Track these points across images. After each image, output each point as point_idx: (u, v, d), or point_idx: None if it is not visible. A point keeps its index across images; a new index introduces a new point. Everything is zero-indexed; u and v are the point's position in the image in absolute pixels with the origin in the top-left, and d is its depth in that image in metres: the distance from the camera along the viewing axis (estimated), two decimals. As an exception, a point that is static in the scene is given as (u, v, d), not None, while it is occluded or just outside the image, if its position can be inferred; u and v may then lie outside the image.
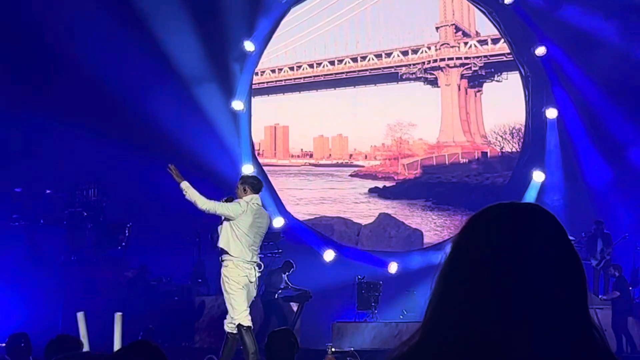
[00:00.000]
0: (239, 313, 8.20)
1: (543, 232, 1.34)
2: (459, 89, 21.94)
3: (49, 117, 15.30)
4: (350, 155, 22.95)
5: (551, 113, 16.65)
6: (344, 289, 15.43)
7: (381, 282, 15.12)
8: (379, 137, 22.59)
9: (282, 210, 18.53)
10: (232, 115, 17.96)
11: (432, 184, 21.62)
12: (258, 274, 8.41)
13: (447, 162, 22.14)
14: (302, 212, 21.16)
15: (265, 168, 20.72)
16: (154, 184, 15.04)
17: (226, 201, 8.23)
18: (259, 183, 8.63)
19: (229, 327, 8.24)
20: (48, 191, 14.59)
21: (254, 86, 21.43)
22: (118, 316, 10.33)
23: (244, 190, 8.46)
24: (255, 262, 8.44)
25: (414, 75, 21.93)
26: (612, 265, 13.41)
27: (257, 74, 21.62)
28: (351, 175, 22.61)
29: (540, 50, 15.92)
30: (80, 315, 10.41)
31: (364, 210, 22.09)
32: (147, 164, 14.93)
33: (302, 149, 23.05)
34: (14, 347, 7.59)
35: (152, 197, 15.35)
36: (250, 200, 8.36)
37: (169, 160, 15.78)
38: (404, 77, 22.09)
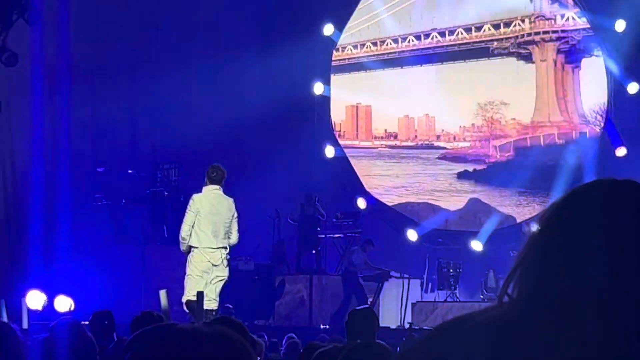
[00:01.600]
0: (188, 294, 10.42)
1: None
2: (555, 65, 22.36)
3: (130, 98, 17.86)
4: (438, 137, 23.63)
5: (632, 88, 18.45)
6: (424, 269, 17.57)
7: (461, 262, 16.90)
8: (468, 117, 23.19)
9: (361, 190, 20.19)
10: (310, 95, 19.98)
11: (526, 167, 22.01)
12: (226, 256, 10.47)
13: (542, 144, 22.68)
14: (385, 196, 22.26)
15: (346, 150, 22.20)
16: (234, 163, 17.10)
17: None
18: (217, 174, 10.48)
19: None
20: (130, 171, 16.54)
21: (334, 63, 22.58)
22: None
23: (205, 182, 10.64)
24: (221, 246, 10.47)
25: (506, 50, 22.54)
26: None
27: (337, 49, 22.58)
28: (438, 158, 23.23)
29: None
30: (162, 293, 12.17)
31: (452, 195, 22.88)
32: (226, 144, 17.22)
33: (385, 130, 23.78)
34: (98, 325, 8.46)
35: (232, 176, 16.77)
36: (207, 191, 10.49)
37: (247, 141, 19.24)
38: (495, 52, 22.71)
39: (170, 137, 17.14)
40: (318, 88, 20.22)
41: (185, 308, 11.01)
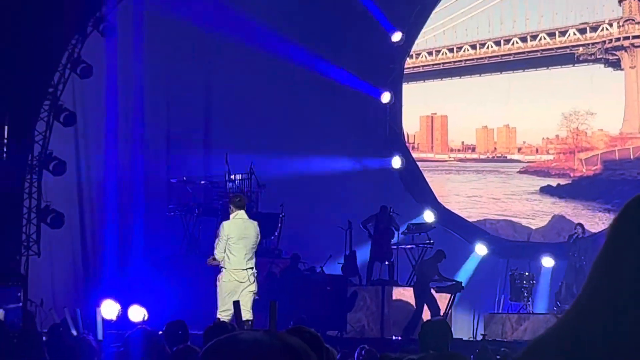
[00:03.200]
0: (220, 310, 12.56)
1: None
2: None
3: (204, 109, 19.83)
4: (519, 149, 24.66)
5: None
6: (496, 281, 19.45)
7: (534, 274, 18.65)
8: (552, 128, 24.09)
9: (430, 201, 21.40)
10: (380, 105, 21.31)
11: (614, 182, 22.62)
12: (253, 272, 12.79)
13: (632, 157, 23.13)
14: (462, 211, 22.67)
15: (421, 164, 22.90)
16: (306, 175, 19.44)
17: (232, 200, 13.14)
18: (241, 200, 13.28)
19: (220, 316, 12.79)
20: (202, 182, 18.44)
21: (408, 71, 23.27)
22: (273, 304, 14.27)
23: (231, 209, 13.19)
24: (249, 267, 12.97)
25: (592, 57, 23.41)
26: None
27: (411, 56, 23.03)
28: (520, 172, 24.20)
29: None
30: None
31: (534, 211, 23.46)
32: (298, 155, 19.25)
33: (462, 142, 24.93)
34: (172, 335, 9.01)
35: (304, 187, 19.36)
36: (235, 216, 13.02)
37: (319, 150, 19.35)
38: (581, 58, 23.58)
39: (244, 147, 18.63)
40: (386, 97, 21.26)
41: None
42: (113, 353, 7.58)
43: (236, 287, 12.94)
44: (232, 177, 18.48)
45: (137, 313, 14.07)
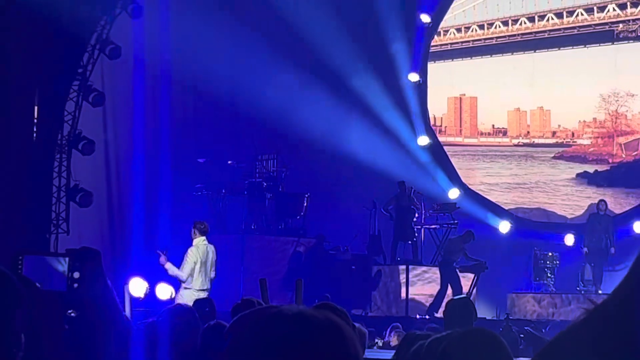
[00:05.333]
0: None
1: None
2: None
3: (230, 91, 23.15)
4: (554, 133, 26.03)
5: None
6: (520, 261, 22.41)
7: (557, 254, 21.58)
8: (589, 111, 25.47)
9: (456, 179, 24.59)
10: (406, 85, 24.35)
11: None
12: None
13: None
14: (493, 200, 24.65)
15: (448, 148, 25.01)
16: (331, 155, 22.57)
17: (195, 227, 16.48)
18: (205, 226, 16.69)
19: None
20: (230, 162, 21.34)
21: (435, 49, 25.15)
22: (299, 282, 17.52)
23: (195, 234, 16.63)
24: (209, 287, 16.55)
25: (634, 34, 24.74)
26: None
27: (439, 33, 25.00)
28: (555, 157, 25.68)
29: None
30: (262, 281, 17.79)
31: (570, 199, 24.97)
32: (324, 136, 22.32)
33: (493, 125, 26.27)
34: (199, 313, 9.74)
35: (329, 167, 22.42)
36: (199, 242, 16.58)
37: (345, 132, 22.59)
38: (621, 35, 24.97)
39: (270, 128, 22.08)
40: (413, 76, 24.11)
41: None
42: (146, 326, 8.37)
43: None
44: (259, 157, 21.63)
45: (165, 291, 16.14)
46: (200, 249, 17.05)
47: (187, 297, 15.93)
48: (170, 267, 16.87)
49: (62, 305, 4.43)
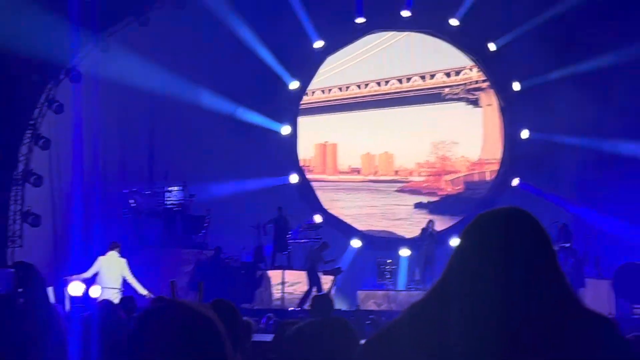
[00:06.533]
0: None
1: (524, 225, 2.56)
2: (500, 108, 25.99)
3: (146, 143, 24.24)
4: (396, 172, 27.21)
5: (524, 134, 25.81)
6: (367, 267, 24.22)
7: (393, 260, 23.56)
8: (423, 154, 26.82)
9: (319, 207, 26.25)
10: (279, 135, 25.40)
11: (474, 199, 26.02)
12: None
13: (488, 179, 26.81)
14: (349, 223, 25.69)
15: (315, 183, 26.16)
16: (225, 188, 24.09)
17: None
18: (114, 245, 17.28)
19: None
20: (147, 192, 23.17)
21: (304, 106, 25.87)
22: (200, 284, 19.70)
23: (111, 247, 17.34)
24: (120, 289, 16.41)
25: (456, 96, 26.75)
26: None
27: (307, 94, 25.97)
28: (397, 191, 27.08)
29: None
30: (172, 283, 20.91)
31: (409, 222, 26.22)
32: (219, 175, 23.98)
33: (350, 166, 27.31)
34: (124, 307, 11.29)
35: (224, 196, 23.94)
36: (110, 255, 17.00)
37: (237, 173, 24.18)
38: (447, 97, 26.74)
39: (180, 164, 23.40)
40: (286, 129, 25.63)
41: None
42: (81, 317, 8.46)
43: None
44: (170, 188, 23.18)
45: (96, 291, 16.96)
46: (108, 258, 18.04)
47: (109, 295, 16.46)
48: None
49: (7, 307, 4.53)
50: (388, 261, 23.88)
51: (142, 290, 18.15)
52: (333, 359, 4.19)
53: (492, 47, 25.59)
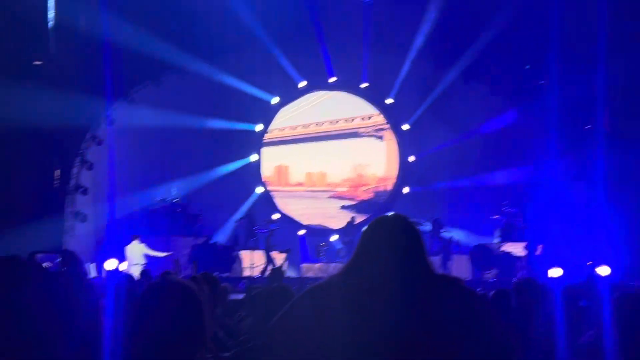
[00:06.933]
0: None
1: (395, 225, 2.59)
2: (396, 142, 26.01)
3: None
4: (328, 184, 26.56)
5: (411, 158, 25.40)
6: (308, 248, 24.32)
7: (327, 243, 23.07)
8: (346, 173, 26.70)
9: (276, 209, 25.25)
10: (250, 162, 25.02)
11: (379, 203, 26.08)
12: None
13: (388, 189, 26.65)
14: (298, 218, 25.42)
15: (273, 192, 25.72)
16: (213, 198, 23.30)
17: None
18: (135, 237, 16.52)
19: None
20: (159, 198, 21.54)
21: (267, 140, 25.48)
22: (195, 262, 16.81)
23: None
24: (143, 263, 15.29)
25: (369, 133, 26.39)
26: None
27: (267, 132, 25.50)
28: (329, 197, 26.44)
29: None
30: (176, 261, 17.04)
31: (338, 219, 25.84)
32: (209, 189, 23.12)
33: (297, 180, 26.42)
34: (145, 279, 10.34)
35: (213, 202, 23.18)
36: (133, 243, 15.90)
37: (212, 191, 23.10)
38: (362, 134, 26.35)
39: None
40: (254, 157, 25.29)
41: None
42: (112, 284, 6.10)
43: None
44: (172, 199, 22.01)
45: (124, 266, 16.11)
46: (132, 246, 17.69)
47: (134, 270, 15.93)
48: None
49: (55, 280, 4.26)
50: (322, 244, 23.65)
51: (163, 254, 18.23)
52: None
53: (389, 101, 25.43)
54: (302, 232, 25.29)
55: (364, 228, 2.82)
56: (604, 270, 14.11)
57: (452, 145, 22.94)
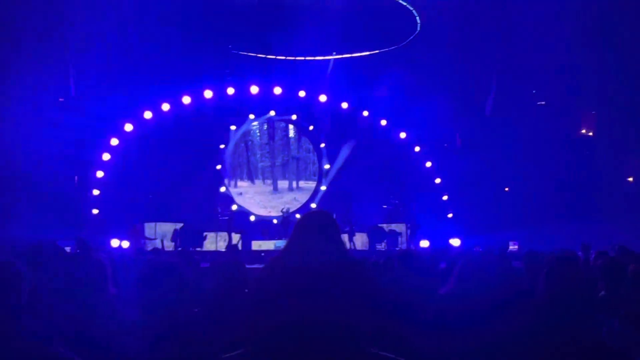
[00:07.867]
0: None
1: (320, 218, 2.31)
2: None
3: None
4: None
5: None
6: (256, 229, 19.80)
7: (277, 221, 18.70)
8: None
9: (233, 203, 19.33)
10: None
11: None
12: None
13: None
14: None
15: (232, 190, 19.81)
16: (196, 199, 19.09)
17: None
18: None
19: None
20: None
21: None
22: (134, 226, 14.64)
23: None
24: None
25: None
26: None
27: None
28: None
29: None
30: (134, 226, 14.63)
31: (276, 210, 21.23)
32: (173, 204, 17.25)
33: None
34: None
35: (198, 198, 17.83)
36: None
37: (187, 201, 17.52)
38: None
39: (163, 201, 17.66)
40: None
41: None
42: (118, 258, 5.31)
43: None
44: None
45: (125, 244, 13.66)
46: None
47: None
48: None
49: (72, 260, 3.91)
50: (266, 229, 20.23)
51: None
52: (235, 280, 3.79)
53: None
54: (252, 217, 22.80)
55: (298, 217, 2.50)
56: (456, 242, 14.60)
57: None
